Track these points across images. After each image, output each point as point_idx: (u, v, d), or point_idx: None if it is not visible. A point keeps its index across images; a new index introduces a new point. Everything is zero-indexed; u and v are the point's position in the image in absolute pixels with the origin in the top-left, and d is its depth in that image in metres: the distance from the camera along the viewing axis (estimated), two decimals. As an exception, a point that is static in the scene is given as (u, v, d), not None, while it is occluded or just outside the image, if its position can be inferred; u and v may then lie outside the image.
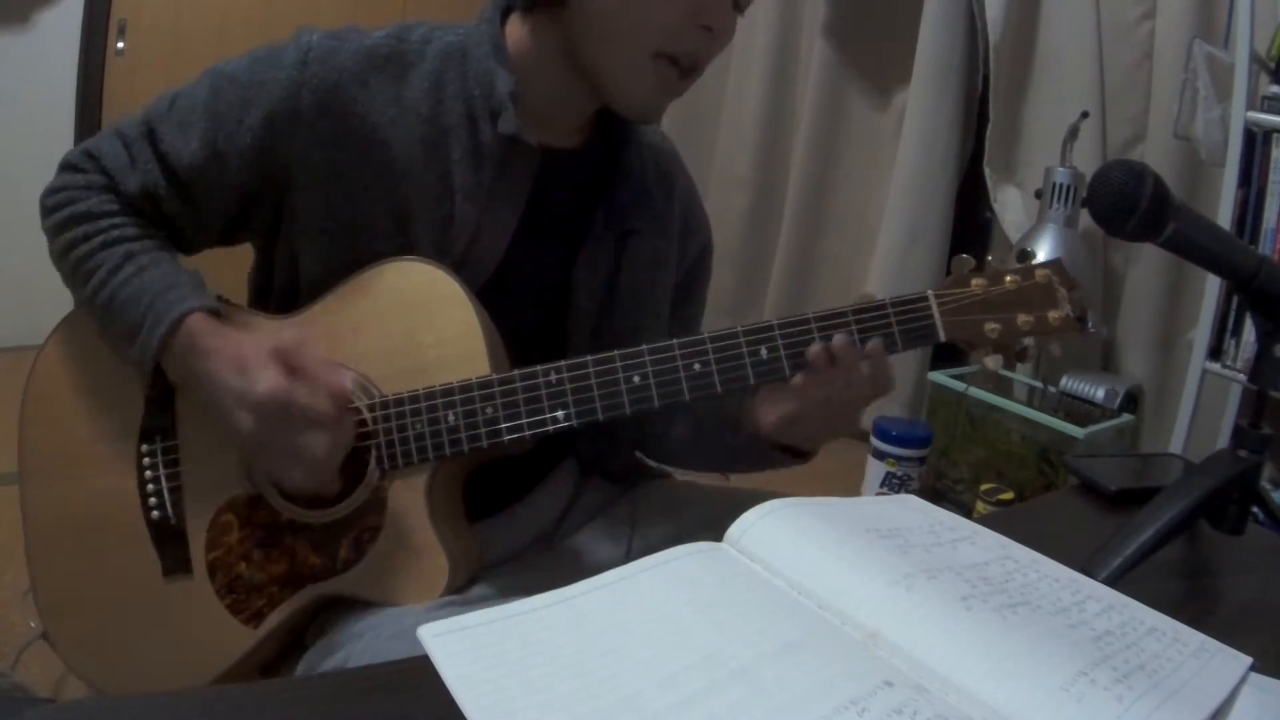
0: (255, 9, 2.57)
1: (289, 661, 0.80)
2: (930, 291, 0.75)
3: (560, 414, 0.74)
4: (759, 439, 0.82)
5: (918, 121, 2.45)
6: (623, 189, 0.87)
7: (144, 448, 0.81)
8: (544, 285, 0.86)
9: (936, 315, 0.75)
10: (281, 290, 0.84)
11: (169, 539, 0.80)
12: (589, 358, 0.74)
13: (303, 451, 0.71)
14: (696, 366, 0.74)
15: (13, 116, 2.46)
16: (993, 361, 0.76)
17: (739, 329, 0.74)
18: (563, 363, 0.74)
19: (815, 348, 0.73)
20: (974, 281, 0.75)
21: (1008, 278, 0.75)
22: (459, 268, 0.79)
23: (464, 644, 0.42)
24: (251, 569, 0.78)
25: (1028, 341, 0.75)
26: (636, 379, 0.74)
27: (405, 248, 0.79)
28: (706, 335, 0.74)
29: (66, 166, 0.82)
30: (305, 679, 0.69)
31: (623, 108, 0.81)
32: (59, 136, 2.47)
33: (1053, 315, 0.74)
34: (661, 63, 0.77)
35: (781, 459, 0.85)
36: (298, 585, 0.77)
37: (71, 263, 0.80)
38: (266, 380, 0.70)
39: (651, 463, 1.01)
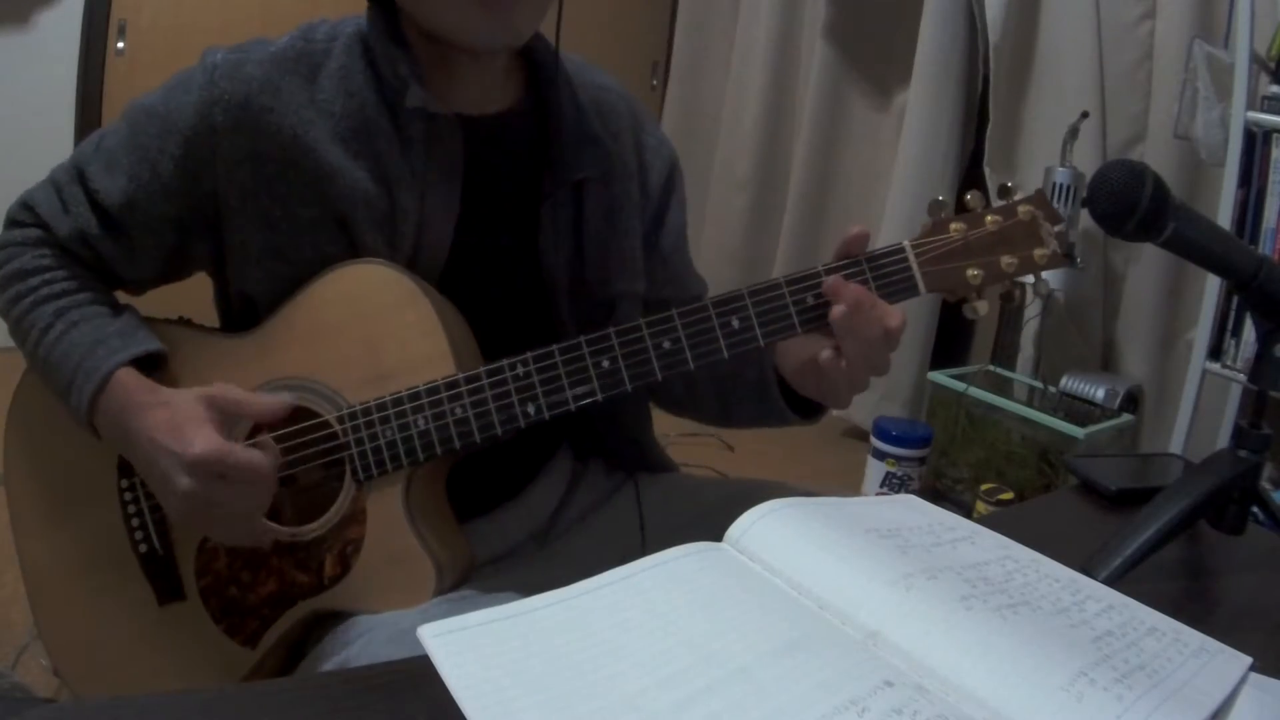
0: (255, 9, 2.57)
1: (290, 674, 0.80)
2: (907, 242, 0.72)
3: (530, 408, 0.72)
4: (772, 389, 0.81)
5: (918, 121, 2.44)
6: (563, 140, 0.84)
7: (123, 482, 0.81)
8: (508, 257, 0.84)
9: (915, 267, 0.72)
10: (241, 311, 0.83)
11: (160, 570, 0.80)
12: (555, 346, 0.72)
13: (236, 507, 0.72)
14: (666, 344, 0.72)
15: (13, 116, 2.46)
16: (981, 307, 0.73)
17: (708, 301, 0.72)
18: (529, 354, 0.72)
19: (828, 286, 0.70)
20: (953, 226, 0.72)
21: (989, 218, 0.71)
22: (412, 259, 0.78)
23: (464, 644, 0.42)
24: (242, 591, 0.77)
25: (1012, 285, 0.72)
26: (606, 363, 0.72)
27: (351, 250, 0.77)
28: (675, 311, 0.72)
29: (8, 222, 0.82)
30: (305, 679, 0.69)
31: (480, 47, 0.77)
32: (59, 136, 2.47)
33: (1038, 253, 0.71)
34: None
35: (790, 414, 0.83)
36: (289, 604, 0.76)
37: (11, 323, 0.80)
38: (201, 437, 0.70)
39: (653, 450, 1.00)
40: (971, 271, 0.71)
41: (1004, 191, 0.73)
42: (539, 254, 0.84)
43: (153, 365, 0.78)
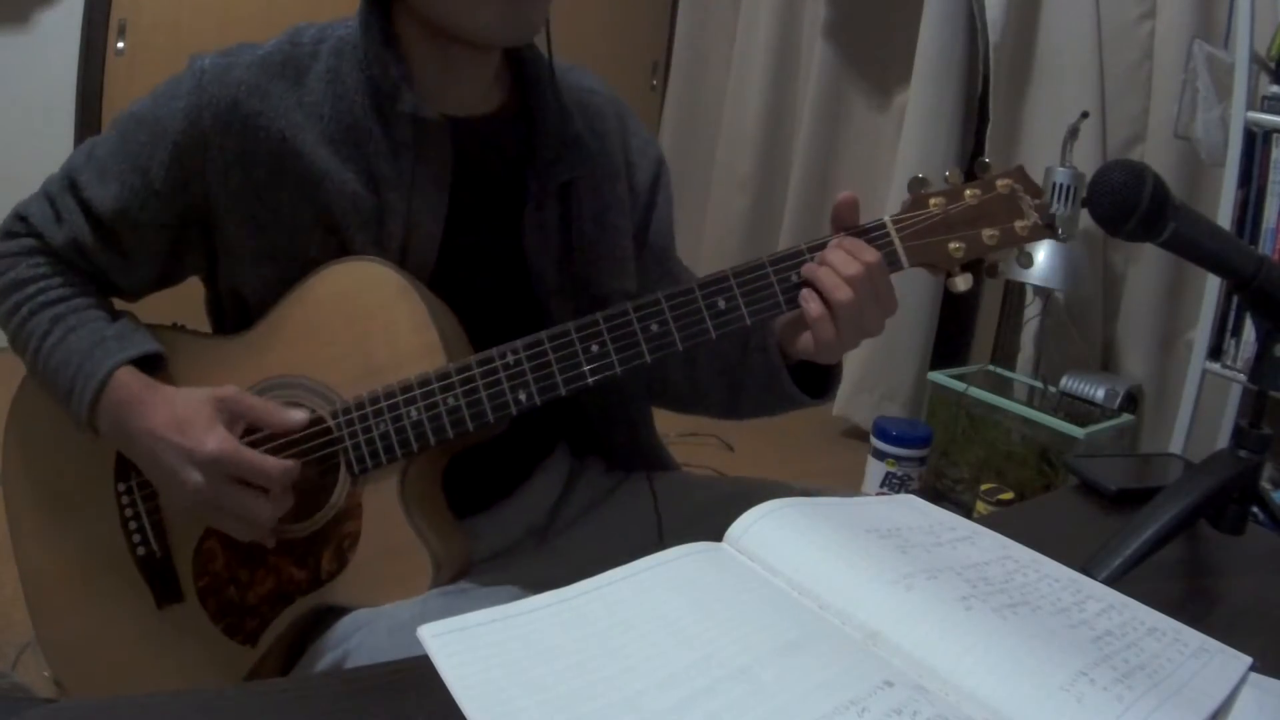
0: (256, 9, 2.57)
1: (290, 671, 0.80)
2: (887, 218, 0.73)
3: (522, 395, 0.73)
4: (779, 370, 0.81)
5: (918, 121, 2.45)
6: (546, 142, 0.85)
7: (120, 486, 0.81)
8: (495, 259, 0.85)
9: (897, 242, 0.73)
10: (234, 315, 0.84)
11: (158, 572, 0.80)
12: (544, 333, 0.73)
13: (248, 508, 0.72)
14: (654, 327, 0.72)
15: (13, 116, 2.46)
16: (962, 281, 0.73)
17: (694, 283, 0.73)
18: (518, 342, 0.73)
19: (808, 267, 0.72)
20: (932, 201, 0.73)
21: (967, 192, 0.72)
22: (401, 260, 0.78)
23: (464, 644, 0.42)
24: (240, 591, 0.78)
25: (996, 256, 0.73)
26: (595, 348, 0.72)
27: (340, 251, 0.78)
28: (661, 295, 0.73)
29: (3, 234, 0.83)
30: (305, 679, 0.69)
31: (492, 41, 0.78)
32: (59, 136, 2.47)
33: (1019, 225, 0.72)
34: None
35: (797, 392, 0.83)
36: (287, 601, 0.76)
37: (10, 334, 0.81)
38: (214, 437, 0.71)
39: (653, 449, 0.99)
40: (953, 245, 0.72)
41: (982, 167, 0.74)
42: (525, 255, 0.85)
43: (151, 367, 0.79)
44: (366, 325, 0.76)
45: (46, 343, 0.78)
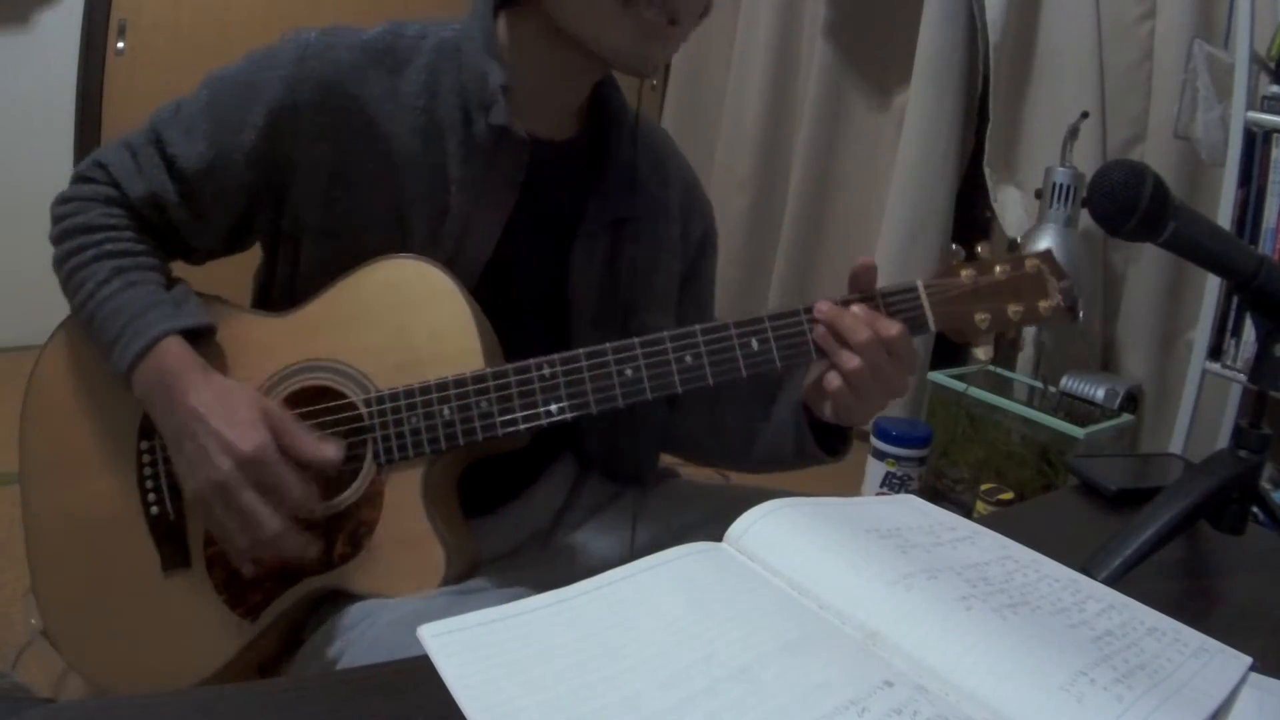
0: (256, 8, 2.57)
1: (288, 658, 0.80)
2: (919, 282, 0.75)
3: (554, 407, 0.74)
4: (802, 425, 0.82)
5: (918, 121, 2.44)
6: (614, 178, 0.87)
7: (143, 444, 0.82)
8: (540, 279, 0.87)
9: (926, 305, 0.75)
10: (282, 288, 0.85)
11: (168, 534, 0.81)
12: (581, 350, 0.74)
13: (258, 516, 0.72)
14: (688, 359, 0.74)
15: (13, 116, 2.46)
16: (983, 352, 0.76)
17: (730, 322, 0.75)
18: (555, 356, 0.74)
19: (830, 323, 0.73)
20: (963, 272, 0.75)
21: (997, 267, 0.75)
22: (451, 262, 0.79)
23: (464, 644, 0.42)
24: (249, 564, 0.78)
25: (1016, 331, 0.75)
26: (629, 371, 0.74)
27: (400, 242, 0.79)
28: (698, 328, 0.74)
29: (78, 178, 0.84)
30: (305, 679, 0.69)
31: (619, 65, 0.80)
32: (59, 136, 2.47)
33: (1043, 305, 0.74)
34: (635, 9, 0.75)
35: (815, 447, 0.84)
36: (294, 579, 0.77)
37: (65, 273, 0.81)
38: (258, 437, 0.72)
39: (653, 461, 1.00)
40: (979, 316, 0.75)
41: (1012, 246, 0.77)
42: (568, 281, 0.87)
43: (196, 339, 0.79)
44: (411, 320, 0.77)
45: (103, 290, 0.78)
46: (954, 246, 0.76)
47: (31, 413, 0.86)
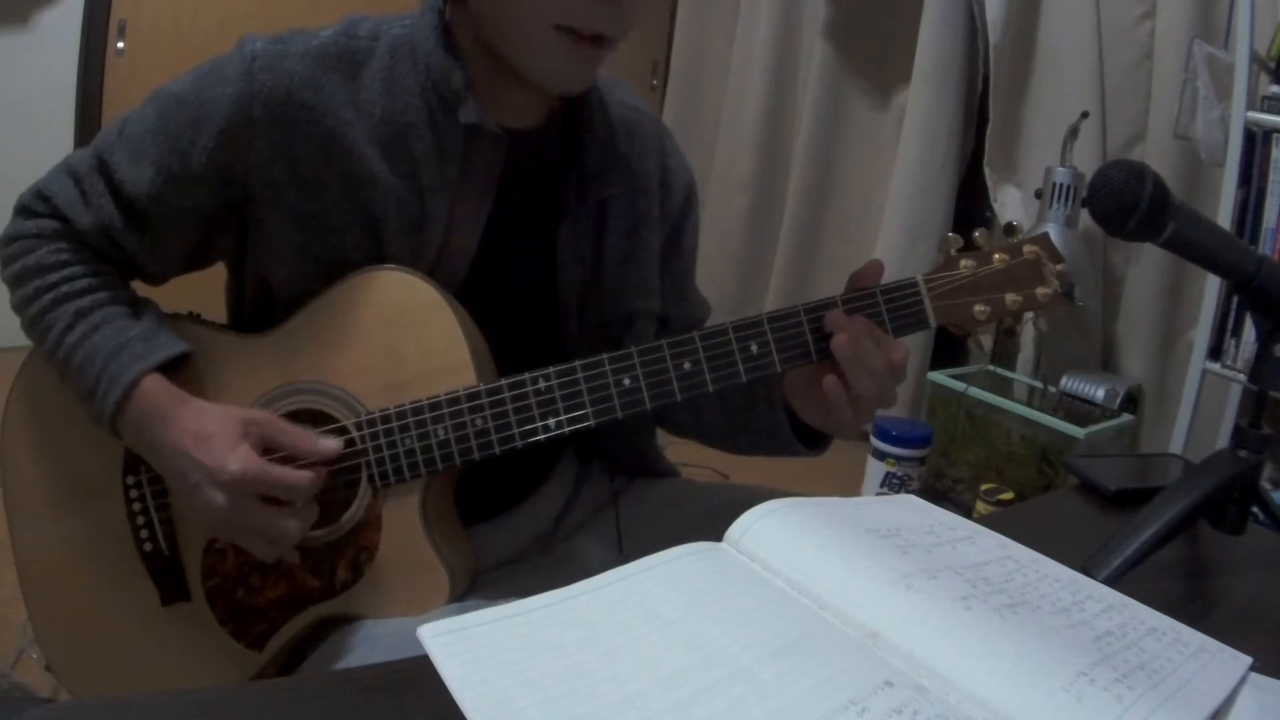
0: (255, 8, 2.57)
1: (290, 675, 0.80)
2: (920, 277, 0.74)
3: (551, 422, 0.72)
4: (781, 423, 0.82)
5: (918, 121, 2.44)
6: (591, 157, 0.84)
7: (129, 479, 0.80)
8: (526, 270, 0.84)
9: (927, 301, 0.74)
10: (256, 306, 0.82)
11: (165, 569, 0.79)
12: (577, 363, 0.73)
13: (274, 526, 0.71)
14: (687, 365, 0.73)
15: (13, 116, 2.46)
16: (984, 343, 0.76)
17: (728, 325, 0.73)
18: (551, 369, 0.73)
19: (834, 325, 0.72)
20: (962, 263, 0.74)
21: (996, 256, 0.74)
22: (434, 267, 0.78)
23: (464, 644, 0.42)
24: (251, 594, 0.77)
25: (1015, 320, 0.75)
26: (627, 381, 0.72)
27: (377, 253, 0.76)
28: (696, 334, 0.73)
29: (20, 210, 0.79)
30: (305, 679, 0.68)
31: (540, 82, 0.77)
32: (59, 136, 2.47)
33: (1040, 292, 0.74)
34: (565, 35, 0.72)
35: (797, 445, 0.83)
36: (299, 608, 0.76)
37: (27, 321, 0.78)
38: (238, 456, 0.70)
39: (653, 456, 1.00)
40: (978, 307, 0.74)
41: (1009, 230, 0.76)
42: (556, 268, 0.85)
43: (175, 366, 0.77)
44: (398, 337, 0.75)
45: (69, 338, 0.75)
46: (950, 235, 0.75)
47: (8, 453, 0.83)
